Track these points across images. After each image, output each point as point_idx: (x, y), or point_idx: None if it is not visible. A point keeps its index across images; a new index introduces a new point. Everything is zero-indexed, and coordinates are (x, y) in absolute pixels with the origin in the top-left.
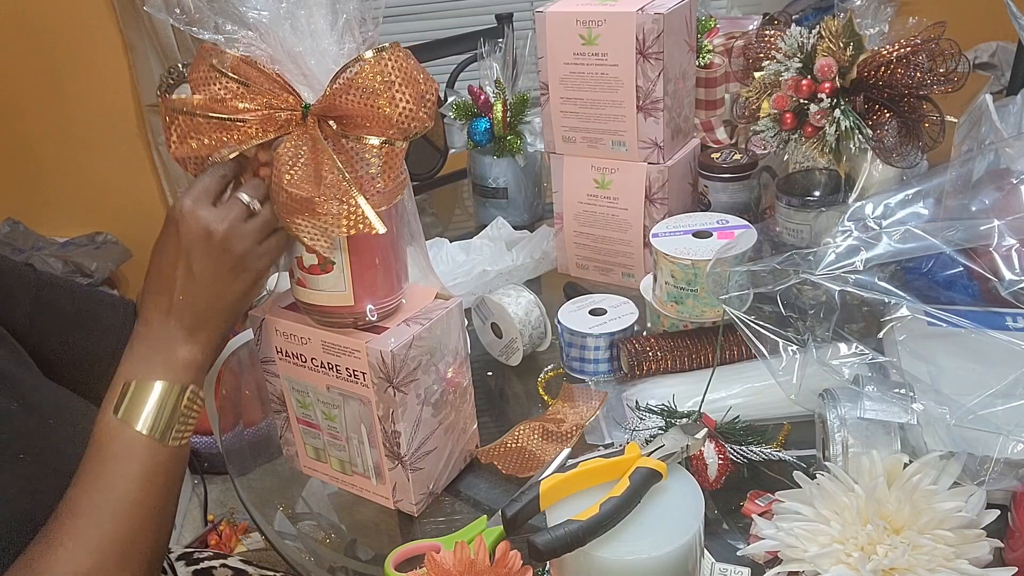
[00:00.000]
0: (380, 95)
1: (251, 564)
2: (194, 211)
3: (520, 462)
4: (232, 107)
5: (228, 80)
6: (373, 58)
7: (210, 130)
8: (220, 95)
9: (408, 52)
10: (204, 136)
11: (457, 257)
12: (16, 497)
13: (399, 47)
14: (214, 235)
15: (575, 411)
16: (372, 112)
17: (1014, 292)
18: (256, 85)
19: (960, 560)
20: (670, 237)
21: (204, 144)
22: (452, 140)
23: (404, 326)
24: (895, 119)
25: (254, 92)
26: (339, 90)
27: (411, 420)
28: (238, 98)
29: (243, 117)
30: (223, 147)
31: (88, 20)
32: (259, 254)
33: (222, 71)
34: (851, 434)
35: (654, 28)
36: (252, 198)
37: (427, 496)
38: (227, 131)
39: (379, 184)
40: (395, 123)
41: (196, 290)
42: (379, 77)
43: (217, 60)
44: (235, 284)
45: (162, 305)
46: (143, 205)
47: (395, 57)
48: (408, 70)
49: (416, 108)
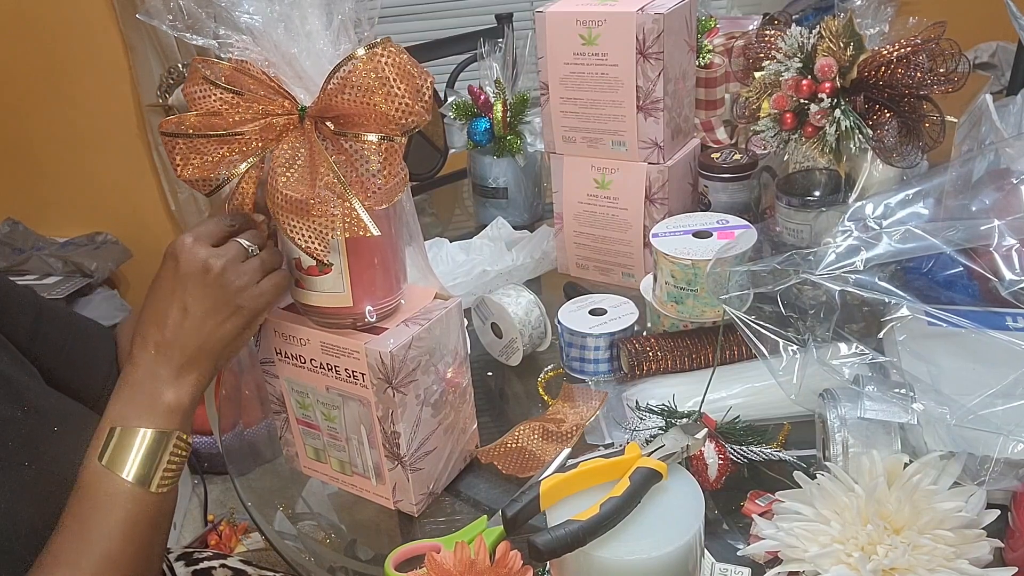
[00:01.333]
0: (376, 92)
1: (251, 564)
2: (193, 247)
3: (520, 462)
4: (229, 120)
5: (222, 91)
6: (366, 55)
7: (211, 147)
8: (216, 108)
9: (400, 47)
10: (206, 154)
11: (457, 257)
12: (20, 507)
13: (391, 42)
14: (211, 270)
15: (575, 411)
16: (369, 109)
17: (1014, 292)
18: (251, 93)
19: (960, 560)
20: (670, 237)
21: (208, 162)
22: (452, 140)
23: (403, 327)
24: (895, 119)
25: (248, 100)
26: (334, 90)
27: (411, 421)
28: (233, 109)
29: (240, 130)
30: (227, 161)
31: (88, 20)
32: (254, 294)
33: (215, 83)
34: (851, 434)
35: (654, 28)
36: (251, 244)
37: (427, 496)
38: (228, 145)
39: (380, 181)
40: (393, 118)
41: (188, 327)
42: (373, 74)
43: (210, 72)
44: (227, 324)
45: (152, 342)
46: (143, 205)
47: (388, 53)
48: (402, 64)
49: (413, 102)
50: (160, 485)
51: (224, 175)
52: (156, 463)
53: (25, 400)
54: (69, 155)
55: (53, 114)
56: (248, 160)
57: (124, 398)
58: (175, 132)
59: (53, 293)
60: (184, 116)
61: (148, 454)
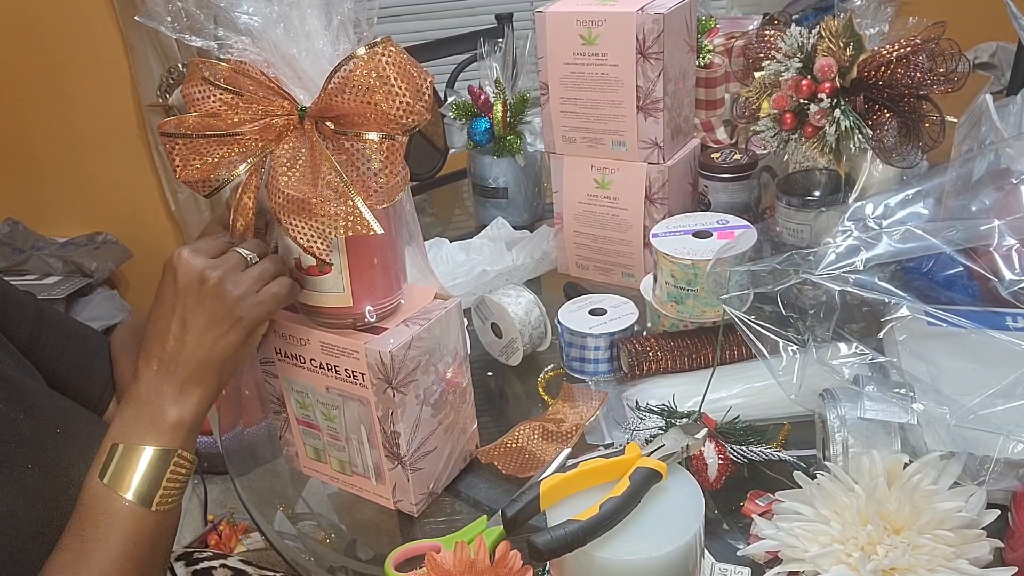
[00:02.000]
0: (376, 91)
1: (251, 564)
2: (190, 259)
3: (520, 462)
4: (228, 121)
5: (221, 92)
6: (367, 54)
7: (210, 148)
8: (215, 108)
9: (400, 47)
10: (207, 155)
11: (457, 257)
12: (22, 510)
13: (391, 41)
14: (208, 280)
15: (575, 411)
16: (370, 108)
17: (1014, 292)
18: (250, 94)
19: (960, 560)
20: (670, 237)
21: (208, 163)
22: (452, 140)
23: (403, 327)
24: (895, 119)
25: (248, 101)
26: (334, 90)
27: (410, 420)
28: (232, 110)
29: (240, 130)
30: (227, 162)
31: (88, 20)
32: (253, 303)
33: (214, 83)
34: (851, 434)
35: (654, 28)
36: (251, 252)
37: (427, 496)
38: (228, 146)
39: (381, 179)
40: (394, 117)
41: (189, 341)
42: (374, 73)
43: (209, 72)
44: (228, 336)
45: (155, 358)
46: (143, 205)
47: (388, 52)
48: (402, 64)
49: (413, 101)
50: (160, 504)
51: (224, 176)
52: (157, 481)
53: (27, 402)
54: (69, 155)
55: (53, 114)
56: (248, 161)
57: (127, 415)
58: (175, 133)
59: (53, 293)
60: (184, 117)
61: (150, 472)
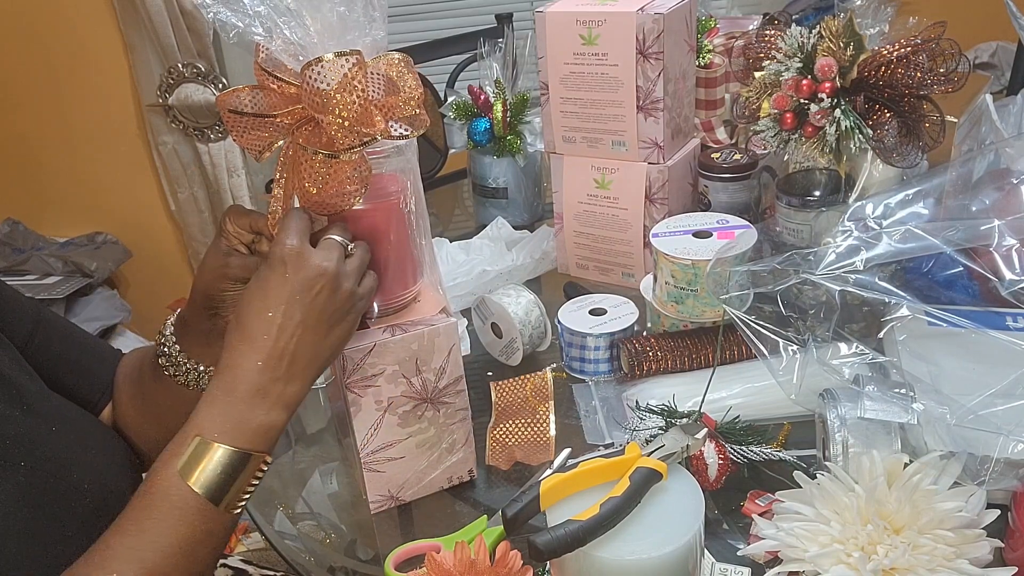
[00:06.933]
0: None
1: (251, 564)
2: (303, 251)
3: (530, 452)
4: (270, 102)
5: (265, 77)
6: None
7: (258, 125)
8: (270, 87)
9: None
10: (257, 130)
11: (457, 257)
12: (14, 508)
13: None
14: (326, 274)
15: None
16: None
17: (1014, 292)
18: (281, 84)
19: (960, 560)
20: (670, 237)
21: (263, 136)
22: (452, 140)
23: (380, 331)
24: (895, 119)
25: (280, 88)
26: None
27: (366, 422)
28: (269, 94)
29: (274, 113)
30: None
31: (88, 20)
32: (360, 295)
33: (263, 68)
34: (851, 434)
35: (654, 28)
36: (343, 238)
37: (388, 500)
38: (267, 128)
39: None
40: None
41: (302, 336)
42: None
43: (263, 56)
44: (337, 329)
45: (261, 352)
46: (143, 205)
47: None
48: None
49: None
50: (230, 505)
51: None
52: (235, 484)
53: (24, 400)
54: (69, 155)
55: (53, 114)
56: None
57: (217, 408)
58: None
59: (53, 293)
60: (239, 93)
61: (229, 473)
